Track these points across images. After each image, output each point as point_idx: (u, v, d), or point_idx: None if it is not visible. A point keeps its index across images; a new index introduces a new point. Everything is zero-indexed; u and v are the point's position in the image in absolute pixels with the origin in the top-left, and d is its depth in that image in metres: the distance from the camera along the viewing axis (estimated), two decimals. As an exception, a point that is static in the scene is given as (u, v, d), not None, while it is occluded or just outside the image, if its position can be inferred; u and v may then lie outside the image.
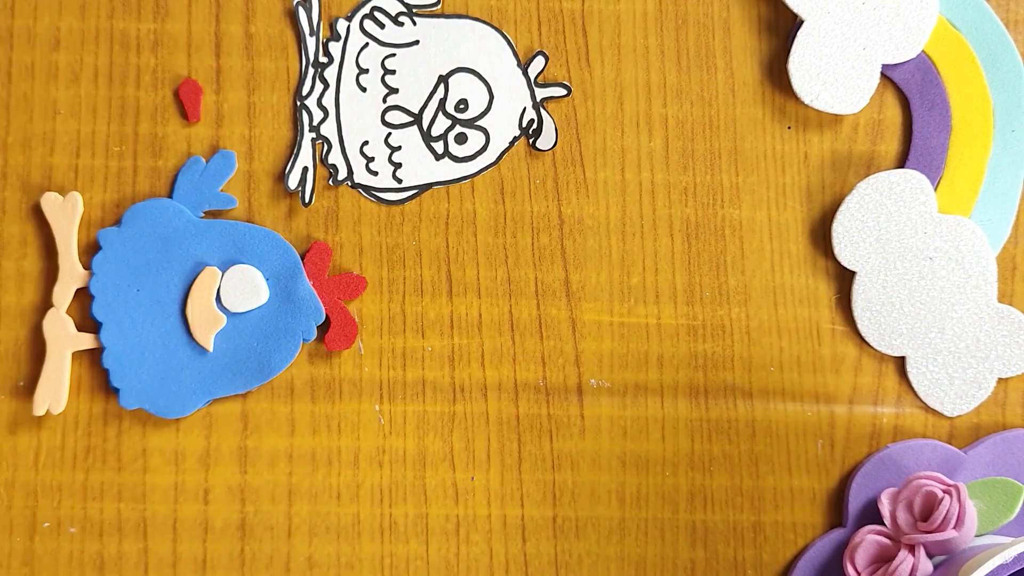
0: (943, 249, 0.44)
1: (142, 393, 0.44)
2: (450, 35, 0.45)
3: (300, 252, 0.44)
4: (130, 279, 0.44)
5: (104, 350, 0.44)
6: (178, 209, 0.44)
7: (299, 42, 0.45)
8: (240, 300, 0.43)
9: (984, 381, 0.44)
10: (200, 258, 0.44)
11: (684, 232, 0.45)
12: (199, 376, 0.44)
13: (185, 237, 0.44)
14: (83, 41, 0.45)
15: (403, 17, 0.45)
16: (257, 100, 0.45)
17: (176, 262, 0.44)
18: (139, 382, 0.44)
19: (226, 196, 0.44)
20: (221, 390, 0.44)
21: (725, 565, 0.45)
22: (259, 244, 0.44)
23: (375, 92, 0.45)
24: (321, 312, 0.44)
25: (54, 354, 0.44)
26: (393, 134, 0.45)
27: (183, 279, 0.44)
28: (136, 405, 0.44)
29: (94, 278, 0.44)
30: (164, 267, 0.44)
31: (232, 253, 0.44)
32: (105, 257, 0.44)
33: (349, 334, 0.44)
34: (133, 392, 0.44)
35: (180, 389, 0.44)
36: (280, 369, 0.44)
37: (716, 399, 0.45)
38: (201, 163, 0.44)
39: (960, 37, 0.45)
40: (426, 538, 0.45)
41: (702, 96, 0.45)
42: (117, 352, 0.44)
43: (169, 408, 0.44)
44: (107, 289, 0.44)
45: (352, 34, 0.45)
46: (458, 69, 0.45)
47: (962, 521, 0.41)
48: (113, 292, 0.44)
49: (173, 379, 0.44)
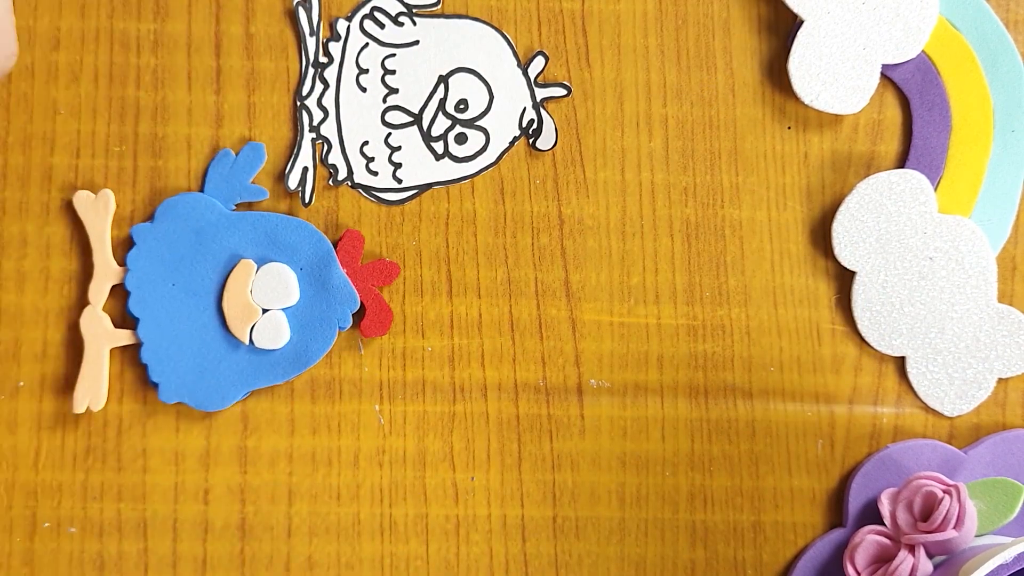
0: (943, 249, 0.44)
1: (181, 387, 0.44)
2: (450, 35, 0.45)
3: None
4: (165, 274, 0.44)
5: (142, 345, 0.44)
6: (210, 202, 0.44)
7: (299, 42, 0.45)
8: (271, 299, 0.43)
9: (984, 381, 0.44)
10: (234, 250, 0.44)
11: (684, 232, 0.45)
12: (237, 368, 0.44)
13: (218, 230, 0.44)
14: (83, 41, 0.45)
15: (403, 17, 0.45)
16: (257, 100, 0.45)
17: (210, 255, 0.44)
18: (178, 376, 0.44)
19: (257, 188, 0.44)
20: (259, 381, 0.44)
21: (725, 565, 0.45)
22: (291, 234, 0.44)
23: (375, 92, 0.45)
24: (356, 299, 0.44)
25: (92, 351, 0.44)
26: (393, 134, 0.45)
27: (218, 272, 0.44)
28: (176, 399, 0.44)
29: (129, 274, 0.44)
30: (198, 260, 0.44)
31: (265, 244, 0.44)
32: (139, 253, 0.44)
33: (384, 320, 0.44)
34: (172, 386, 0.44)
35: (219, 382, 0.44)
36: (317, 358, 0.44)
37: (716, 399, 0.45)
38: (231, 156, 0.44)
39: (960, 37, 0.45)
40: (426, 538, 0.45)
41: (702, 96, 0.45)
42: (155, 347, 0.44)
43: (208, 401, 0.44)
44: (143, 284, 0.44)
45: (352, 34, 0.45)
46: (458, 69, 0.45)
47: (962, 521, 0.41)
48: (149, 287, 0.44)
49: (211, 372, 0.44)
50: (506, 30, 0.45)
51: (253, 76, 0.45)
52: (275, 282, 0.43)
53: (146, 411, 0.45)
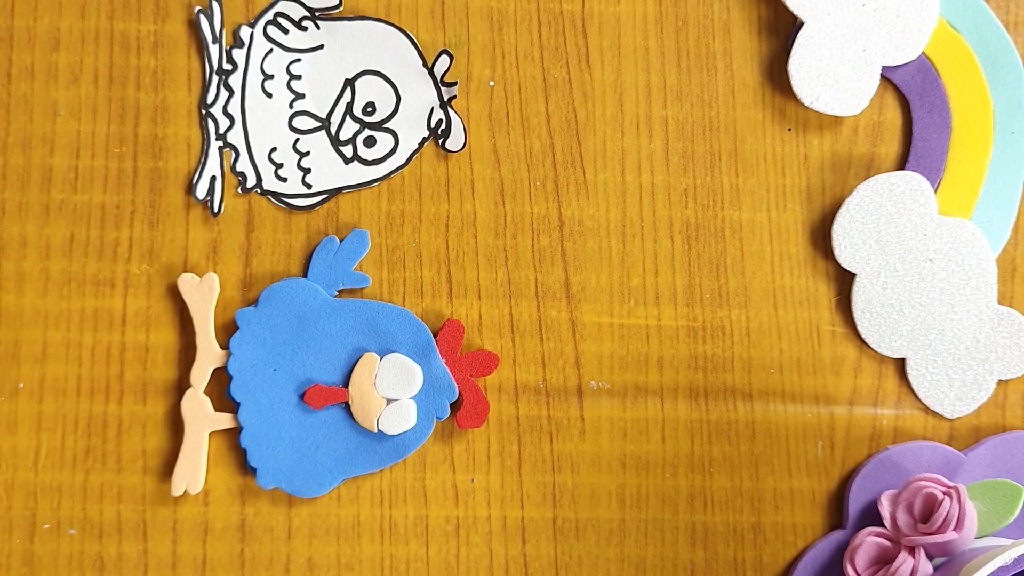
0: (943, 251, 0.44)
1: (279, 473, 0.44)
2: (354, 37, 0.45)
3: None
4: (267, 359, 0.44)
5: (242, 430, 0.44)
6: (313, 288, 0.44)
7: (201, 50, 0.45)
8: (396, 388, 0.43)
9: (984, 383, 0.44)
10: (335, 337, 0.44)
11: (684, 234, 0.45)
12: (334, 455, 0.44)
13: (320, 316, 0.44)
14: (83, 42, 0.45)
15: (307, 21, 0.44)
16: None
17: (312, 341, 0.44)
18: (276, 461, 0.44)
19: (360, 275, 0.44)
20: (356, 469, 0.44)
21: (725, 566, 0.45)
22: (392, 322, 0.44)
23: (281, 98, 0.45)
24: (454, 390, 0.44)
25: (192, 434, 0.44)
26: (301, 139, 0.45)
27: (319, 358, 0.44)
28: (273, 484, 0.44)
29: (232, 358, 0.44)
30: (300, 346, 0.44)
31: (366, 332, 0.44)
32: (242, 337, 0.44)
33: (481, 412, 0.44)
34: (270, 472, 0.44)
35: (316, 468, 0.44)
36: (413, 448, 0.44)
37: (716, 400, 0.45)
38: (335, 242, 0.44)
39: (960, 39, 0.45)
40: (426, 539, 0.45)
41: (702, 98, 0.45)
42: (254, 432, 0.44)
43: (305, 487, 0.44)
44: (244, 369, 0.44)
45: (256, 40, 0.45)
46: (364, 72, 0.45)
47: (962, 523, 0.41)
48: (251, 372, 0.44)
49: (309, 458, 0.44)
50: (506, 32, 0.45)
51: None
52: (401, 372, 0.43)
53: (146, 412, 0.45)
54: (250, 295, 0.45)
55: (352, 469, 0.44)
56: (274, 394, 0.44)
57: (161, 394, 0.45)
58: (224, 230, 0.45)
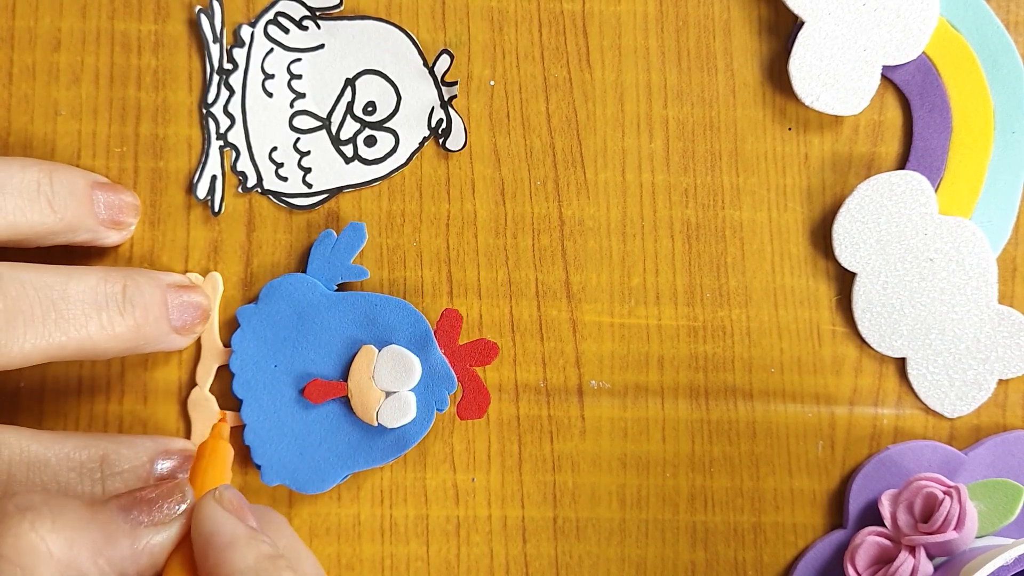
0: (943, 250, 0.44)
1: (283, 469, 0.44)
2: (355, 37, 0.45)
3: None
4: (268, 355, 0.44)
5: (245, 427, 0.44)
6: (312, 283, 0.44)
7: (202, 49, 0.45)
8: (395, 381, 0.43)
9: (984, 382, 0.44)
10: (334, 331, 0.44)
11: (684, 233, 0.45)
12: (337, 451, 0.44)
13: (319, 311, 0.44)
14: (84, 42, 0.45)
15: (307, 21, 0.44)
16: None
17: (311, 336, 0.44)
18: (279, 458, 0.44)
19: (358, 268, 0.44)
20: (359, 464, 0.44)
21: (725, 566, 0.45)
22: (390, 314, 0.44)
23: (282, 97, 0.45)
24: (454, 381, 0.44)
25: (198, 433, 0.44)
26: (302, 139, 0.45)
27: (318, 353, 0.44)
28: (277, 481, 0.44)
29: (234, 355, 0.44)
30: (300, 342, 0.44)
31: (364, 324, 0.43)
32: (244, 335, 0.44)
33: (482, 403, 0.44)
34: (274, 468, 0.44)
35: (319, 464, 0.44)
36: (415, 441, 0.43)
37: (716, 400, 0.45)
38: (333, 237, 0.44)
39: (961, 39, 0.45)
40: (426, 539, 0.45)
41: (703, 97, 0.45)
42: (257, 429, 0.44)
43: (308, 483, 0.44)
44: (246, 366, 0.44)
45: (256, 40, 0.45)
46: (365, 71, 0.45)
47: (963, 522, 0.41)
48: (252, 369, 0.44)
49: (311, 454, 0.44)
50: (506, 31, 0.45)
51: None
52: (399, 364, 0.43)
53: (147, 412, 0.45)
54: (251, 294, 0.45)
55: (355, 464, 0.44)
56: (276, 390, 0.44)
57: (162, 394, 0.45)
58: (225, 230, 0.45)
